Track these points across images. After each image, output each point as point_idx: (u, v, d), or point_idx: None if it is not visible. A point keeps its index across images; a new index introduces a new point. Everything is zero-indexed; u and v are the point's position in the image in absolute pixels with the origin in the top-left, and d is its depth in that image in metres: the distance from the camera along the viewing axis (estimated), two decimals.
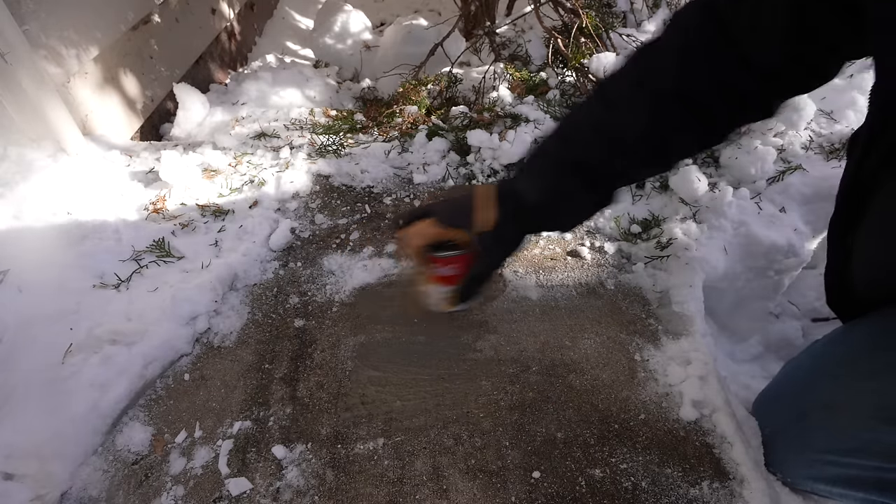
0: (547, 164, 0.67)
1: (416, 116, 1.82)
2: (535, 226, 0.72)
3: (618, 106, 0.61)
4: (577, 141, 0.64)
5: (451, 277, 0.85)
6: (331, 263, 1.27)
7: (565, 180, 0.65)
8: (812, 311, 1.53)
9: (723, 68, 0.54)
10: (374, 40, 2.73)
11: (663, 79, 0.58)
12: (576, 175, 0.64)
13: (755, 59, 0.52)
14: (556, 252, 1.28)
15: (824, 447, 0.75)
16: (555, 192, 0.66)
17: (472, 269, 0.76)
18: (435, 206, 0.75)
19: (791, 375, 0.91)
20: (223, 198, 1.46)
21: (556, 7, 2.14)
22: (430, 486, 0.83)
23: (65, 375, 0.95)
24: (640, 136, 0.60)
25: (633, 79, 0.62)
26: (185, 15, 2.26)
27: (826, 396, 0.76)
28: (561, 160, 0.65)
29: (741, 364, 1.43)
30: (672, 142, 0.61)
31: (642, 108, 0.59)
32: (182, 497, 0.84)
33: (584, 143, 0.63)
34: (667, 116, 0.59)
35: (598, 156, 0.63)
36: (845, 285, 0.69)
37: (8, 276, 1.09)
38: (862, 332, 0.71)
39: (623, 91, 0.62)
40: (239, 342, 1.09)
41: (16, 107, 1.37)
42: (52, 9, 1.45)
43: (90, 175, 1.44)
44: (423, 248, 0.76)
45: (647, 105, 0.59)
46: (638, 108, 0.60)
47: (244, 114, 1.93)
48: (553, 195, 0.66)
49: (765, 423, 0.94)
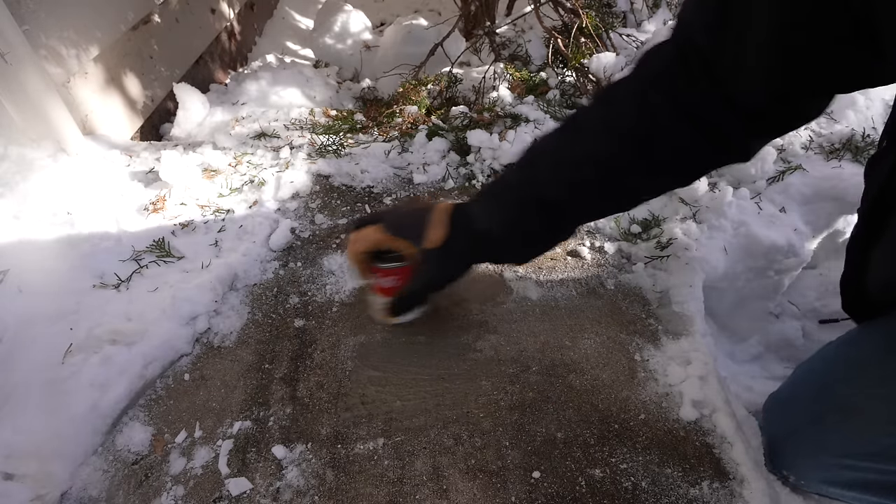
0: (509, 197, 0.64)
1: (416, 116, 1.82)
2: (491, 257, 0.70)
3: (589, 140, 0.58)
4: (541, 175, 0.61)
5: (389, 289, 0.86)
6: (331, 263, 1.27)
7: (528, 217, 0.62)
8: (812, 311, 1.53)
9: (707, 108, 0.52)
10: (374, 40, 2.73)
11: (645, 121, 0.55)
12: (539, 212, 0.61)
13: (739, 99, 0.51)
14: (556, 252, 1.28)
15: (841, 451, 0.75)
16: (514, 226, 0.63)
17: (409, 284, 0.75)
18: (385, 214, 0.75)
19: (804, 378, 0.90)
20: (223, 198, 1.46)
21: (556, 7, 2.14)
22: (430, 486, 0.84)
23: (65, 375, 0.95)
24: (610, 175, 0.58)
25: (605, 117, 0.58)
26: (185, 15, 2.26)
27: (841, 400, 0.75)
28: (524, 196, 0.62)
29: (741, 364, 1.43)
30: (647, 182, 0.59)
31: (621, 147, 0.56)
32: (182, 497, 0.84)
33: (548, 178, 0.60)
34: (646, 157, 0.56)
35: (562, 194, 0.60)
36: (861, 290, 0.69)
37: (8, 276, 1.09)
38: (873, 336, 0.71)
39: (596, 128, 0.58)
40: (239, 342, 1.09)
41: (16, 107, 1.37)
42: (52, 9, 1.45)
43: (90, 175, 1.44)
44: (366, 254, 0.76)
45: (626, 145, 0.56)
46: (615, 146, 0.57)
47: (244, 114, 1.93)
48: (512, 230, 0.63)
49: (777, 425, 0.93)
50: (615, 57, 1.94)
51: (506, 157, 1.63)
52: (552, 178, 0.60)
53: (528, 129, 1.66)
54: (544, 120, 1.70)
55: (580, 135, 0.60)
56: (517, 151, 1.61)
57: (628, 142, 0.55)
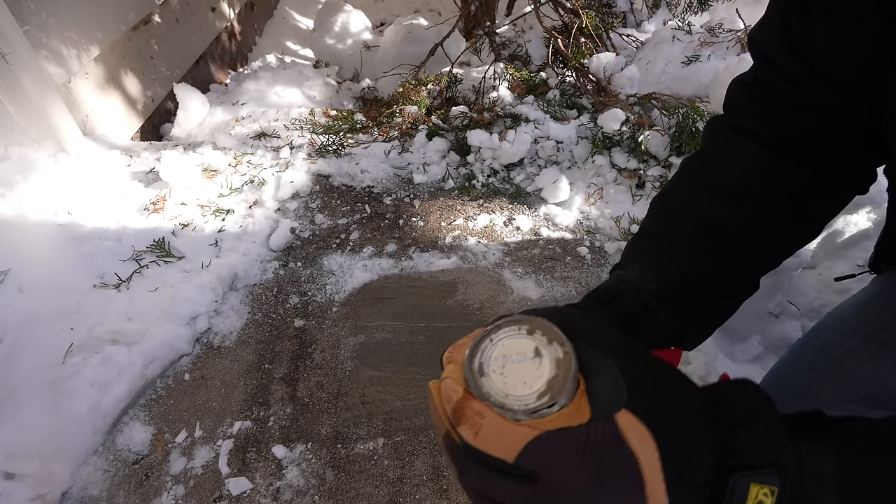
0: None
1: (416, 116, 1.82)
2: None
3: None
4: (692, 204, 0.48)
5: None
6: (331, 263, 1.27)
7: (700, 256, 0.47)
8: (812, 311, 1.53)
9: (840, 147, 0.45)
10: (374, 40, 2.74)
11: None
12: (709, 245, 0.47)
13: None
14: (556, 252, 1.28)
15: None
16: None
17: None
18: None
19: (775, 371, 0.91)
20: (223, 198, 1.46)
21: (556, 7, 2.14)
22: (430, 486, 0.84)
23: (65, 375, 0.96)
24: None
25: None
26: (185, 15, 2.26)
27: (804, 387, 0.75)
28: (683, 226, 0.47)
29: (741, 364, 1.43)
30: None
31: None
32: (182, 497, 0.84)
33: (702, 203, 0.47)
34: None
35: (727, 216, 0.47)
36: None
37: (9, 275, 1.09)
38: (835, 320, 0.71)
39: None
40: (239, 342, 1.09)
41: (17, 107, 1.37)
42: (53, 9, 1.46)
43: (91, 175, 1.44)
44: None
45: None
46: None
47: (244, 114, 1.93)
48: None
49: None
50: (615, 57, 1.94)
51: (506, 157, 1.63)
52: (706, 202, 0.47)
53: (528, 128, 1.66)
54: (544, 120, 1.70)
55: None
56: (517, 151, 1.61)
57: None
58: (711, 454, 0.28)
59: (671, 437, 0.27)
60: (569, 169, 1.64)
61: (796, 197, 0.45)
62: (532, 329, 0.27)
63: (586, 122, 1.72)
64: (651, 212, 0.49)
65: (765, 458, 0.28)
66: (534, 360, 0.26)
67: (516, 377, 0.26)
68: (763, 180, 0.46)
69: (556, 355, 0.26)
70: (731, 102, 0.49)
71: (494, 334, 0.27)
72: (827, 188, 0.46)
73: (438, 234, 1.38)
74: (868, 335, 0.66)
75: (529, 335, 0.27)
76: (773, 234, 0.46)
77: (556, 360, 0.26)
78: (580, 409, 0.25)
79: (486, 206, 1.49)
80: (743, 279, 0.47)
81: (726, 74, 1.67)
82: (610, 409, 0.26)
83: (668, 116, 1.65)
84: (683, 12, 2.32)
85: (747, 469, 0.28)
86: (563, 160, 1.65)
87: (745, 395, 0.31)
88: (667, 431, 0.27)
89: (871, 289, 0.72)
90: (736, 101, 0.48)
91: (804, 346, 0.79)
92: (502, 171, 1.65)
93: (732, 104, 0.49)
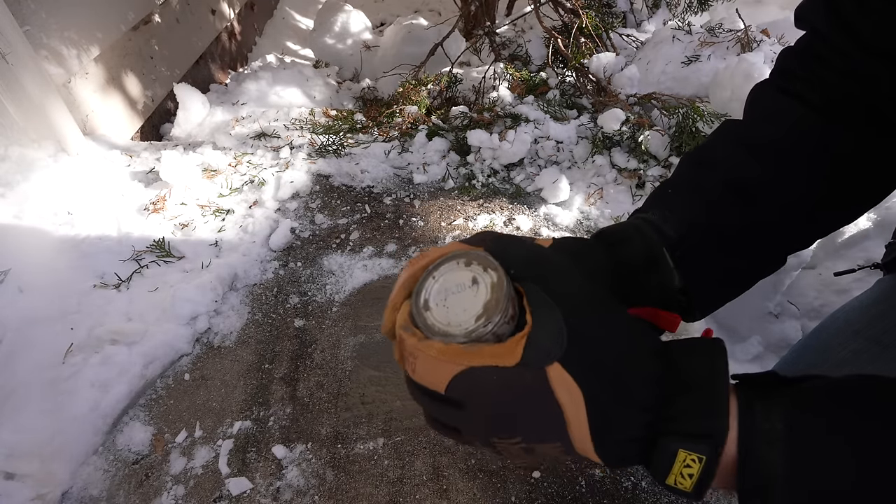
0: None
1: (416, 116, 1.82)
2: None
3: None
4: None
5: None
6: (331, 263, 1.27)
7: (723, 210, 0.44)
8: (812, 311, 1.53)
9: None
10: (374, 40, 2.74)
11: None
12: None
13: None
14: None
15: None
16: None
17: None
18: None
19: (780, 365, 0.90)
20: (223, 198, 1.46)
21: (556, 7, 2.14)
22: (430, 486, 0.84)
23: (65, 375, 0.96)
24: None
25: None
26: (185, 15, 2.26)
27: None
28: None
29: (741, 364, 1.43)
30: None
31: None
32: (182, 497, 0.84)
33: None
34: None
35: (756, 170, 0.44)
36: None
37: (9, 275, 1.09)
38: (837, 322, 0.71)
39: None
40: (239, 342, 1.09)
41: (17, 107, 1.37)
42: (53, 9, 1.46)
43: (91, 175, 1.44)
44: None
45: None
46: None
47: (244, 114, 1.93)
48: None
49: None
50: (615, 57, 1.94)
51: (506, 157, 1.63)
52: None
53: (528, 129, 1.66)
54: (544, 120, 1.70)
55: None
56: (517, 151, 1.61)
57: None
58: (646, 413, 0.29)
59: (602, 394, 0.28)
60: (569, 169, 1.64)
61: (836, 161, 0.43)
62: (469, 261, 0.29)
63: (586, 122, 1.72)
64: (680, 164, 0.48)
65: (698, 428, 0.28)
66: (472, 287, 0.29)
67: (458, 306, 0.28)
68: (802, 139, 0.44)
69: (490, 280, 0.28)
70: (780, 68, 0.48)
71: (436, 272, 0.30)
72: (869, 159, 0.44)
73: (438, 234, 1.38)
74: (871, 338, 0.66)
75: (467, 266, 0.29)
76: (803, 198, 0.44)
77: (491, 285, 0.28)
78: (513, 352, 0.27)
79: (486, 206, 1.49)
80: (766, 247, 0.45)
81: (726, 74, 1.67)
82: (543, 360, 0.27)
83: (668, 116, 1.65)
84: (683, 12, 2.32)
85: (680, 435, 0.28)
86: (563, 160, 1.65)
87: (701, 358, 0.31)
88: (597, 387, 0.28)
89: (874, 291, 0.72)
90: (785, 67, 0.48)
91: (805, 347, 0.78)
92: (502, 171, 1.65)
93: (781, 70, 0.48)
